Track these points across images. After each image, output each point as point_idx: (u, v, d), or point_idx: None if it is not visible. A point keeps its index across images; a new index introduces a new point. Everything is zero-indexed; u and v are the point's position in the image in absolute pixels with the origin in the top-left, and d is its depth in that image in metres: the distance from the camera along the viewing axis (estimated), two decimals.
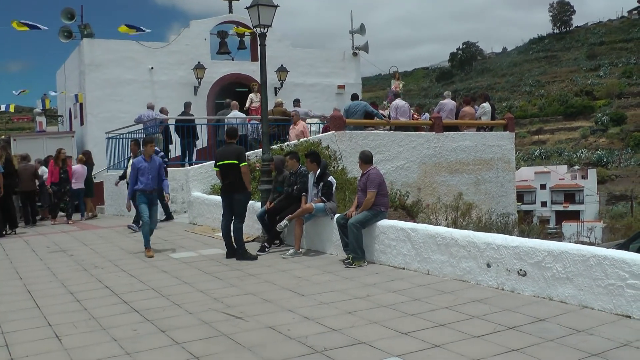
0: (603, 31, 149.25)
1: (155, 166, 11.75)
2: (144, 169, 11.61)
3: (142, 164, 11.64)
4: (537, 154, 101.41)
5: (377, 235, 10.05)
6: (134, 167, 11.71)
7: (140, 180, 11.59)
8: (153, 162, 11.76)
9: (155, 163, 11.78)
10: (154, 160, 11.81)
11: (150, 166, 11.66)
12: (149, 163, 11.67)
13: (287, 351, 5.83)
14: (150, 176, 11.62)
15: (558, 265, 7.24)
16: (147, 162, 11.66)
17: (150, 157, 11.76)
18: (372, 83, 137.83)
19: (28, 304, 8.03)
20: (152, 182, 11.66)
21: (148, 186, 11.63)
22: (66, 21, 25.67)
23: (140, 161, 11.74)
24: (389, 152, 19.00)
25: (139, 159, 11.89)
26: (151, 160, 11.74)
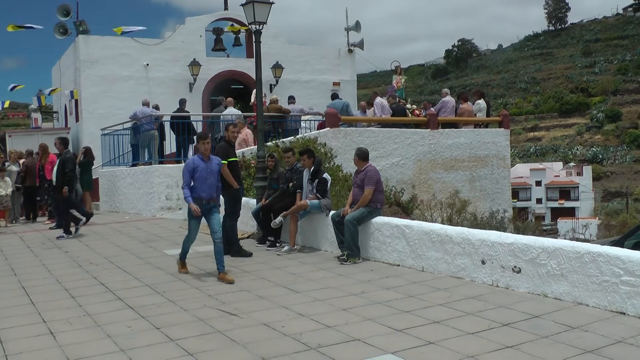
0: (598, 28, 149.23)
1: (214, 169, 9.35)
2: (200, 172, 9.17)
3: (198, 165, 9.18)
4: (532, 150, 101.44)
5: (372, 232, 10.05)
6: (189, 167, 9.19)
7: (194, 186, 9.18)
8: (212, 163, 9.33)
9: (214, 164, 9.37)
10: (213, 161, 9.40)
11: (208, 168, 9.23)
12: (207, 164, 9.25)
13: (281, 348, 5.83)
14: (208, 181, 9.22)
15: (553, 262, 7.26)
16: (205, 162, 9.26)
17: (209, 157, 9.35)
18: (368, 80, 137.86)
19: (23, 300, 8.03)
20: (210, 188, 9.24)
21: (205, 194, 9.17)
22: (62, 18, 25.60)
23: (196, 161, 9.26)
24: (384, 149, 19.01)
25: (194, 158, 9.42)
26: (209, 161, 9.31)
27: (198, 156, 9.37)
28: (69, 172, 13.80)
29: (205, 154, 9.28)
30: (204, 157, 9.29)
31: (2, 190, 16.19)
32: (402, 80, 22.32)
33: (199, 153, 9.43)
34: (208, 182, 9.21)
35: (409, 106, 21.03)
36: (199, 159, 9.30)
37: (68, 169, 13.79)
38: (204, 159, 9.27)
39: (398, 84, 22.06)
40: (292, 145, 15.65)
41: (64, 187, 13.73)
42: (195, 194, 9.12)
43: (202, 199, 9.15)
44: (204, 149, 9.26)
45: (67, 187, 13.77)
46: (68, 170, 13.77)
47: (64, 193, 13.71)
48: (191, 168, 9.18)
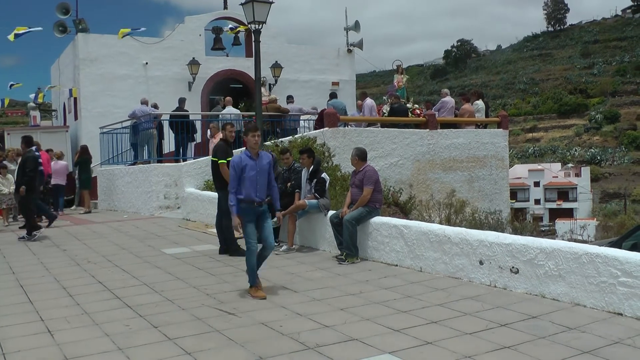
0: (597, 29, 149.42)
1: (265, 167, 8.16)
2: (249, 171, 8.02)
3: (247, 162, 8.03)
4: (530, 151, 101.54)
5: (370, 232, 10.05)
6: (236, 165, 8.03)
7: (242, 187, 8.02)
8: (262, 160, 8.16)
9: (265, 162, 8.19)
10: (263, 158, 8.21)
11: (258, 166, 8.08)
12: (257, 161, 8.08)
13: (279, 347, 5.83)
14: (259, 181, 8.09)
15: (550, 262, 7.27)
16: (255, 159, 8.09)
17: (258, 154, 8.17)
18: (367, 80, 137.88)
19: (20, 299, 8.02)
20: (261, 189, 8.11)
21: (256, 195, 8.04)
22: (61, 16, 25.61)
23: (243, 158, 8.07)
24: (383, 149, 19.01)
25: (241, 155, 8.18)
26: (259, 158, 8.15)
27: (245, 152, 8.11)
28: (29, 172, 13.33)
29: (254, 150, 8.10)
30: (253, 153, 8.09)
31: (5, 189, 16.14)
32: (404, 79, 22.27)
33: (246, 148, 8.20)
34: (259, 183, 8.05)
35: (409, 105, 21.02)
36: (246, 156, 8.05)
37: (28, 169, 13.33)
38: (252, 156, 8.07)
39: (399, 83, 22.02)
40: (291, 144, 15.66)
41: (21, 187, 13.26)
42: (245, 195, 7.95)
43: (254, 201, 7.99)
44: (254, 142, 8.09)
45: (25, 187, 13.26)
46: (28, 170, 13.32)
47: (21, 192, 13.30)
48: (238, 166, 7.98)
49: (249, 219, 8.03)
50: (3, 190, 16.12)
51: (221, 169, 10.74)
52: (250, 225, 8.03)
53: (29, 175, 13.36)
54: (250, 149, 8.10)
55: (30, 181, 13.37)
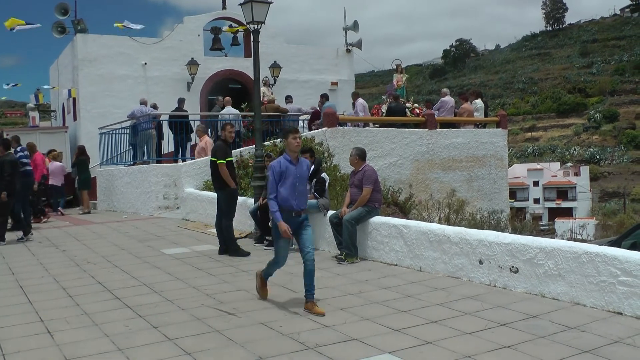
0: (596, 29, 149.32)
1: (305, 173, 7.59)
2: (289, 177, 7.36)
3: (287, 168, 7.38)
4: (529, 151, 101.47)
5: (369, 231, 10.06)
6: (275, 171, 7.36)
7: (281, 194, 7.34)
8: (301, 166, 7.52)
9: (304, 168, 7.58)
10: (303, 164, 7.57)
11: (298, 172, 7.42)
12: (297, 167, 7.44)
13: (279, 347, 5.83)
14: (299, 188, 7.45)
15: (550, 262, 7.27)
16: (294, 164, 7.44)
17: (298, 158, 7.52)
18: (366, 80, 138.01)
19: (20, 300, 8.02)
20: (300, 196, 7.48)
21: (296, 203, 7.38)
22: (60, 16, 25.59)
23: (283, 163, 7.41)
24: (382, 149, 19.01)
25: (281, 160, 7.51)
26: (299, 163, 7.50)
27: (285, 157, 7.48)
28: (7, 177, 12.82)
29: (294, 154, 7.46)
30: (293, 157, 7.44)
31: None
32: (403, 78, 22.24)
33: (286, 152, 7.54)
34: (298, 189, 7.40)
35: (409, 105, 21.02)
36: (286, 160, 7.41)
37: (6, 173, 12.82)
38: (292, 161, 7.42)
39: (399, 82, 21.99)
40: None
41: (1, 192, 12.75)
42: (284, 203, 7.29)
43: (293, 210, 7.35)
44: (295, 145, 7.44)
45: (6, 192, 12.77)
46: (6, 175, 12.81)
47: (2, 198, 12.79)
48: (278, 172, 7.33)
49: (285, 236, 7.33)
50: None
51: (220, 169, 10.74)
52: (284, 241, 7.42)
53: (7, 179, 12.88)
54: (290, 153, 7.44)
55: (9, 185, 12.93)
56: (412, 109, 20.83)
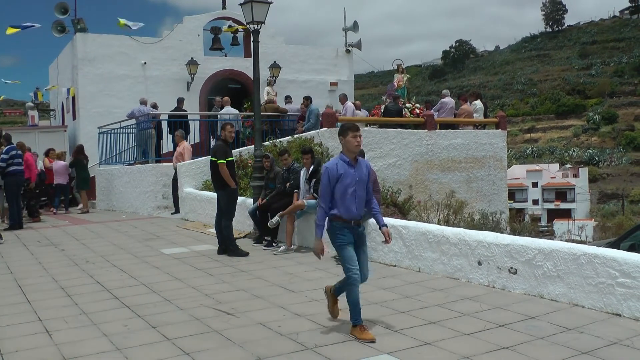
0: (595, 30, 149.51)
1: (365, 176, 6.47)
2: (347, 181, 6.33)
3: (344, 171, 6.33)
4: (529, 152, 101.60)
5: (368, 232, 10.02)
6: (330, 174, 6.32)
7: (338, 202, 6.34)
8: (361, 168, 6.46)
9: (364, 171, 6.49)
10: (362, 165, 6.50)
11: (357, 175, 6.38)
12: (356, 169, 6.40)
13: (278, 348, 5.83)
14: (358, 194, 6.39)
15: (549, 263, 7.27)
16: (354, 166, 6.39)
17: (357, 160, 6.47)
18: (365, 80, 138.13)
19: (18, 299, 8.01)
20: (360, 203, 6.45)
21: (355, 212, 6.39)
22: (60, 15, 25.56)
23: (340, 165, 6.36)
24: (381, 150, 19.01)
25: (336, 161, 6.43)
26: (358, 165, 6.45)
27: (341, 157, 6.43)
28: None
29: (353, 154, 6.40)
30: (352, 158, 6.39)
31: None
32: (404, 78, 22.17)
33: (343, 152, 6.48)
34: (358, 196, 6.38)
35: (409, 105, 21.00)
36: (344, 162, 6.37)
37: None
38: (351, 163, 6.38)
39: (399, 82, 21.95)
40: (289, 145, 15.66)
41: None
42: (342, 212, 6.31)
43: (351, 220, 6.36)
44: (356, 144, 6.36)
45: None
46: None
47: None
48: (334, 175, 6.30)
49: (347, 240, 6.35)
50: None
51: (220, 169, 10.73)
52: (349, 247, 6.35)
53: None
54: (348, 154, 6.39)
55: None
56: (411, 109, 20.81)
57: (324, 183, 6.35)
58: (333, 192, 6.31)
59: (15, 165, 14.95)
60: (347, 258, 6.30)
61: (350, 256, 6.30)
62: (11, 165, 14.84)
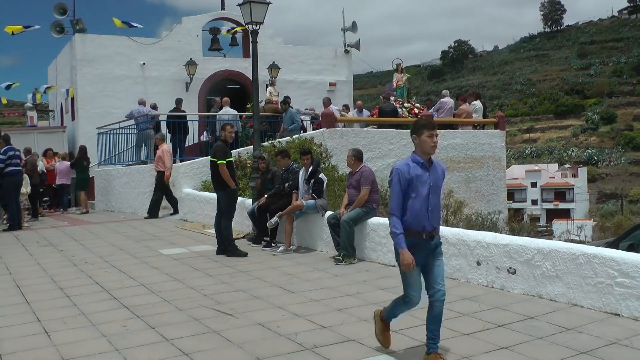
0: (594, 30, 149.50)
1: (440, 181, 5.56)
2: (420, 186, 5.42)
3: (416, 174, 5.42)
4: (527, 152, 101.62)
5: (367, 232, 10.06)
6: (402, 177, 5.39)
7: (409, 210, 5.39)
8: (436, 170, 5.56)
9: (440, 173, 5.59)
10: (437, 168, 5.59)
11: (431, 180, 5.46)
12: (431, 172, 5.49)
13: (277, 348, 5.83)
14: (432, 201, 5.48)
15: (548, 263, 7.27)
16: (428, 169, 5.48)
17: (431, 161, 5.54)
18: (364, 81, 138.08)
19: (17, 299, 8.01)
20: (435, 212, 5.53)
21: (428, 223, 5.45)
22: (58, 16, 25.57)
23: (412, 168, 5.46)
24: (380, 150, 19.02)
25: (407, 163, 5.53)
26: (433, 168, 5.53)
27: (413, 158, 5.54)
28: None
29: (428, 155, 5.51)
30: (427, 160, 5.50)
31: (23, 188, 16.02)
32: (404, 78, 22.11)
33: (415, 152, 5.59)
34: (432, 203, 5.47)
35: (407, 105, 20.97)
36: (417, 165, 5.47)
37: None
38: (425, 164, 5.48)
39: (398, 82, 21.89)
40: (288, 145, 15.66)
41: None
42: (413, 222, 5.37)
43: (423, 232, 5.43)
44: (432, 144, 5.48)
45: None
46: None
47: None
48: (406, 179, 5.39)
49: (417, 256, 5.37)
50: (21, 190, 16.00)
51: (220, 169, 10.72)
52: (415, 271, 5.41)
53: None
54: (422, 155, 5.49)
55: None
56: (409, 109, 20.79)
57: (394, 187, 5.41)
58: (403, 198, 5.38)
59: (14, 165, 14.96)
60: (410, 282, 5.48)
61: (414, 281, 5.45)
62: (9, 166, 14.85)
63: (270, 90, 22.19)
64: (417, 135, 5.56)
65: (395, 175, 5.42)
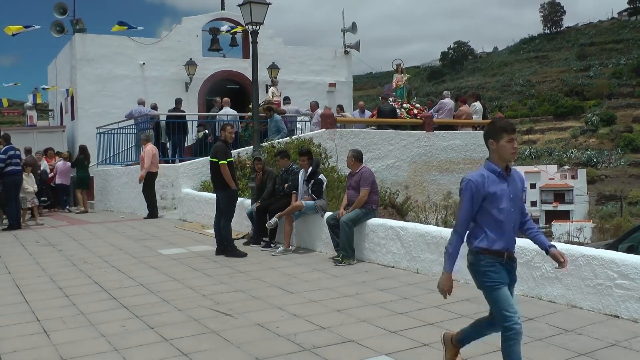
0: (593, 32, 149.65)
1: (520, 193, 4.81)
2: (498, 199, 4.67)
3: (494, 185, 4.66)
4: (527, 153, 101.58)
5: (367, 233, 10.05)
6: (474, 190, 4.65)
7: (486, 229, 4.72)
8: (514, 179, 4.78)
9: (519, 184, 4.81)
10: (515, 177, 4.81)
11: (511, 191, 4.72)
12: (509, 183, 4.73)
13: (276, 349, 5.82)
14: (513, 217, 4.76)
15: (547, 264, 7.26)
16: (506, 179, 4.71)
17: (509, 170, 4.76)
18: (364, 81, 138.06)
19: (16, 299, 8.00)
20: (515, 230, 4.84)
21: (507, 242, 4.77)
22: (58, 16, 25.54)
23: (489, 178, 4.68)
24: (379, 151, 19.03)
25: (484, 172, 4.72)
26: (511, 178, 4.76)
27: (488, 167, 4.72)
28: None
29: (506, 162, 4.71)
30: (504, 169, 4.71)
31: (29, 187, 16.00)
32: (404, 78, 22.08)
33: (490, 160, 4.75)
34: (513, 220, 4.76)
35: (406, 105, 20.96)
36: (493, 174, 4.68)
37: None
38: (503, 174, 4.69)
39: (398, 82, 21.86)
40: (287, 146, 15.65)
41: None
42: (491, 242, 4.70)
43: (504, 253, 4.74)
44: (512, 150, 4.68)
45: None
46: None
47: None
48: (479, 193, 4.63)
49: (501, 280, 4.78)
50: (28, 189, 16.00)
51: (222, 170, 10.72)
52: (504, 288, 4.80)
53: None
54: (499, 162, 4.70)
55: None
56: (408, 110, 20.78)
57: (464, 203, 4.69)
58: (476, 214, 4.71)
59: (13, 165, 14.96)
60: (502, 302, 4.76)
61: (507, 298, 4.78)
62: (9, 166, 14.85)
63: (273, 90, 22.19)
64: (495, 140, 4.68)
65: (468, 188, 4.66)
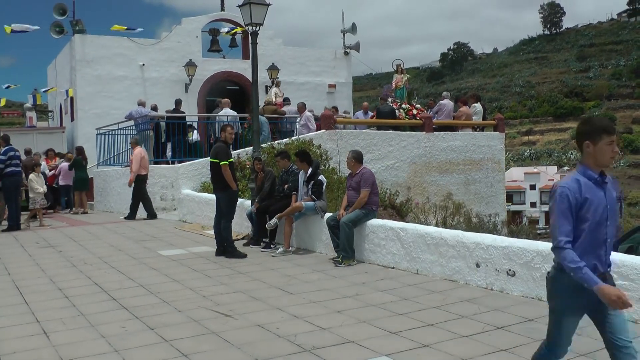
0: (593, 33, 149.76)
1: (615, 203, 4.10)
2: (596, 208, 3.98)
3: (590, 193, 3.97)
4: (527, 154, 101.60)
5: (366, 234, 10.05)
6: (570, 198, 3.93)
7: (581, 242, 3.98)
8: (608, 187, 4.07)
9: (614, 193, 4.12)
10: (610, 184, 4.10)
11: (609, 201, 4.06)
12: (606, 190, 4.05)
13: (275, 349, 5.82)
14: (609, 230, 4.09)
15: (547, 265, 7.24)
16: (602, 187, 4.03)
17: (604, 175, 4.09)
18: (363, 82, 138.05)
19: (16, 300, 8.00)
20: (610, 247, 4.16)
21: (603, 259, 4.12)
22: (58, 17, 25.59)
23: (585, 184, 3.99)
24: (379, 152, 19.04)
25: (578, 177, 4.03)
26: (605, 185, 4.06)
27: (584, 173, 4.07)
28: None
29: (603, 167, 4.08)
30: (600, 175, 4.07)
31: (39, 187, 15.99)
32: (404, 79, 22.05)
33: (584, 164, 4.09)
34: (609, 234, 4.10)
35: (405, 106, 20.95)
36: (589, 181, 4.03)
37: None
38: (599, 181, 4.05)
39: (398, 83, 21.83)
40: (287, 147, 15.66)
41: None
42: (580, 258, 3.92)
43: (596, 272, 3.99)
44: (611, 154, 4.06)
45: None
46: None
47: None
48: (575, 200, 3.96)
49: (573, 307, 4.22)
50: (38, 189, 15.99)
51: (223, 170, 10.71)
52: (571, 319, 4.27)
53: None
54: (596, 167, 4.06)
55: None
56: (407, 110, 20.76)
57: (561, 212, 3.97)
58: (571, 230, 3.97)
59: (13, 166, 14.96)
60: (559, 332, 4.27)
61: (566, 332, 4.26)
62: (9, 166, 14.85)
63: (275, 91, 22.22)
64: (592, 142, 4.05)
65: (563, 196, 3.97)
